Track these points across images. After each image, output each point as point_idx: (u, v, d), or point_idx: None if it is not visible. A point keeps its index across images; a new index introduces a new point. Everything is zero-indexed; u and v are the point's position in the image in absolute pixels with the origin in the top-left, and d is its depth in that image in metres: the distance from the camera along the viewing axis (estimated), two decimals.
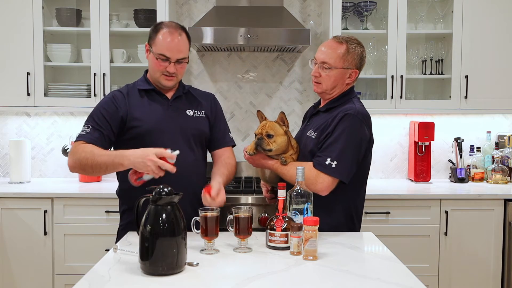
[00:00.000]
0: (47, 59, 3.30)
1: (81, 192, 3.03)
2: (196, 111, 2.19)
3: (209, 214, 1.79)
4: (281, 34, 3.06)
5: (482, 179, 3.46)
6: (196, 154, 2.16)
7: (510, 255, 2.97)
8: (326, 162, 1.98)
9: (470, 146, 3.52)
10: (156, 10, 3.19)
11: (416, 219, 2.98)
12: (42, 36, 3.19)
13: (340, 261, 1.71)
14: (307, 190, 1.87)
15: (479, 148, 3.54)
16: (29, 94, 3.20)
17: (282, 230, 1.80)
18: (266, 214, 2.79)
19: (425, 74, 3.46)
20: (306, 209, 1.84)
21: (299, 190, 1.85)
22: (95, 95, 3.20)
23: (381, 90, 3.42)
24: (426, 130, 3.35)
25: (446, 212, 2.97)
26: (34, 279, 2.96)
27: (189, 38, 2.12)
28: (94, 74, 3.20)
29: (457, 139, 3.52)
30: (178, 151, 1.86)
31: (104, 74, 3.20)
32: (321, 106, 2.22)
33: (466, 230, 3.00)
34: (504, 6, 3.25)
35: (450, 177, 3.51)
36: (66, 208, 2.95)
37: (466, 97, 3.26)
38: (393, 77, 3.25)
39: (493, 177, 3.39)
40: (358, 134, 2.03)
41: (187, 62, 2.12)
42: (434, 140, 3.38)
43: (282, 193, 1.84)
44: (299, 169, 1.86)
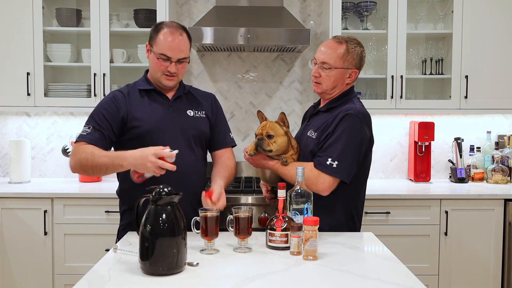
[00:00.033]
0: (47, 59, 3.30)
1: (81, 192, 3.03)
2: (196, 112, 2.19)
3: (209, 214, 1.79)
4: (281, 34, 3.06)
5: (482, 179, 3.46)
6: (196, 154, 2.16)
7: (510, 255, 2.97)
8: (327, 162, 1.98)
9: (470, 146, 3.52)
10: (156, 10, 3.19)
11: (416, 219, 2.98)
12: (42, 36, 3.19)
13: (340, 261, 1.71)
14: (307, 190, 1.87)
15: (479, 148, 3.54)
16: (29, 94, 3.20)
17: (282, 230, 1.80)
18: (266, 214, 2.79)
19: (425, 74, 3.46)
20: (306, 209, 1.84)
21: (299, 190, 1.85)
22: (95, 95, 3.20)
23: (381, 90, 3.42)
24: (426, 130, 3.35)
25: (446, 212, 2.97)
26: (34, 279, 2.96)
27: (190, 38, 2.12)
28: (94, 74, 3.20)
29: (457, 139, 3.52)
30: (177, 150, 1.86)
31: (104, 74, 3.20)
32: (321, 106, 2.22)
33: (466, 230, 3.00)
34: (504, 6, 3.25)
35: (450, 177, 3.51)
36: (66, 208, 2.95)
37: (466, 97, 3.26)
38: (393, 77, 3.25)
39: (493, 177, 3.39)
40: (359, 134, 2.04)
41: (188, 62, 2.12)
42: (434, 140, 3.38)
43: (282, 193, 1.84)
44: (299, 169, 1.86)
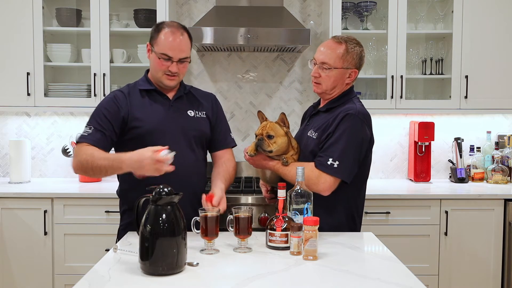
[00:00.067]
0: (47, 59, 3.30)
1: (81, 192, 3.03)
2: (197, 112, 2.19)
3: (209, 214, 1.80)
4: (281, 34, 3.06)
5: (482, 179, 3.46)
6: (196, 155, 2.16)
7: (510, 255, 2.97)
8: (328, 162, 1.98)
9: (470, 146, 3.52)
10: (156, 10, 3.18)
11: (416, 219, 2.98)
12: (42, 36, 3.19)
13: (340, 261, 1.71)
14: (307, 190, 1.87)
15: (479, 148, 3.54)
16: (29, 94, 3.19)
17: (282, 230, 1.80)
18: (266, 214, 2.79)
19: (425, 74, 3.46)
20: (306, 209, 1.84)
21: (299, 190, 1.85)
22: (95, 95, 3.20)
23: (381, 90, 3.42)
24: (426, 130, 3.35)
25: (446, 212, 2.97)
26: (34, 279, 2.96)
27: (190, 38, 2.12)
28: (94, 74, 3.20)
29: (457, 139, 3.52)
30: (175, 152, 1.85)
31: (104, 74, 3.20)
32: (321, 106, 2.22)
33: (466, 230, 3.00)
34: (504, 6, 3.25)
35: (450, 177, 3.51)
36: (66, 208, 2.95)
37: (466, 97, 3.26)
38: (393, 77, 3.25)
39: (493, 177, 3.39)
40: (359, 134, 2.04)
41: (189, 62, 2.12)
42: (434, 140, 3.38)
43: (282, 193, 1.84)
44: (299, 169, 1.86)
